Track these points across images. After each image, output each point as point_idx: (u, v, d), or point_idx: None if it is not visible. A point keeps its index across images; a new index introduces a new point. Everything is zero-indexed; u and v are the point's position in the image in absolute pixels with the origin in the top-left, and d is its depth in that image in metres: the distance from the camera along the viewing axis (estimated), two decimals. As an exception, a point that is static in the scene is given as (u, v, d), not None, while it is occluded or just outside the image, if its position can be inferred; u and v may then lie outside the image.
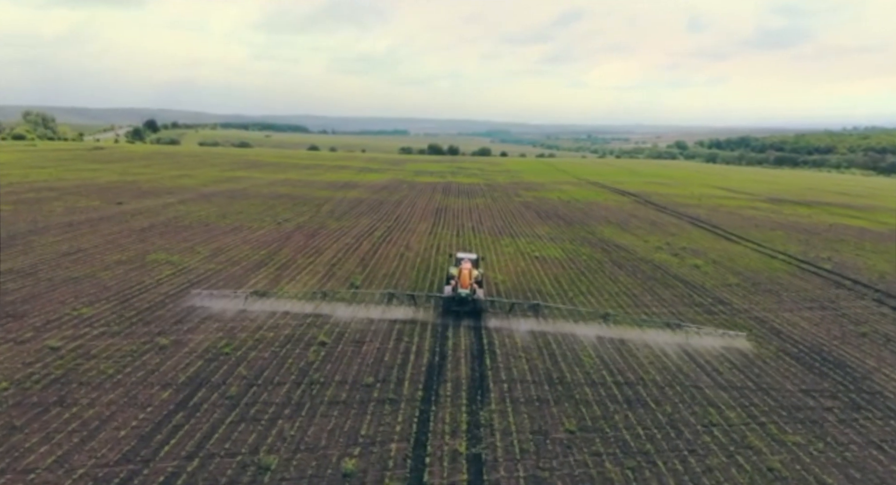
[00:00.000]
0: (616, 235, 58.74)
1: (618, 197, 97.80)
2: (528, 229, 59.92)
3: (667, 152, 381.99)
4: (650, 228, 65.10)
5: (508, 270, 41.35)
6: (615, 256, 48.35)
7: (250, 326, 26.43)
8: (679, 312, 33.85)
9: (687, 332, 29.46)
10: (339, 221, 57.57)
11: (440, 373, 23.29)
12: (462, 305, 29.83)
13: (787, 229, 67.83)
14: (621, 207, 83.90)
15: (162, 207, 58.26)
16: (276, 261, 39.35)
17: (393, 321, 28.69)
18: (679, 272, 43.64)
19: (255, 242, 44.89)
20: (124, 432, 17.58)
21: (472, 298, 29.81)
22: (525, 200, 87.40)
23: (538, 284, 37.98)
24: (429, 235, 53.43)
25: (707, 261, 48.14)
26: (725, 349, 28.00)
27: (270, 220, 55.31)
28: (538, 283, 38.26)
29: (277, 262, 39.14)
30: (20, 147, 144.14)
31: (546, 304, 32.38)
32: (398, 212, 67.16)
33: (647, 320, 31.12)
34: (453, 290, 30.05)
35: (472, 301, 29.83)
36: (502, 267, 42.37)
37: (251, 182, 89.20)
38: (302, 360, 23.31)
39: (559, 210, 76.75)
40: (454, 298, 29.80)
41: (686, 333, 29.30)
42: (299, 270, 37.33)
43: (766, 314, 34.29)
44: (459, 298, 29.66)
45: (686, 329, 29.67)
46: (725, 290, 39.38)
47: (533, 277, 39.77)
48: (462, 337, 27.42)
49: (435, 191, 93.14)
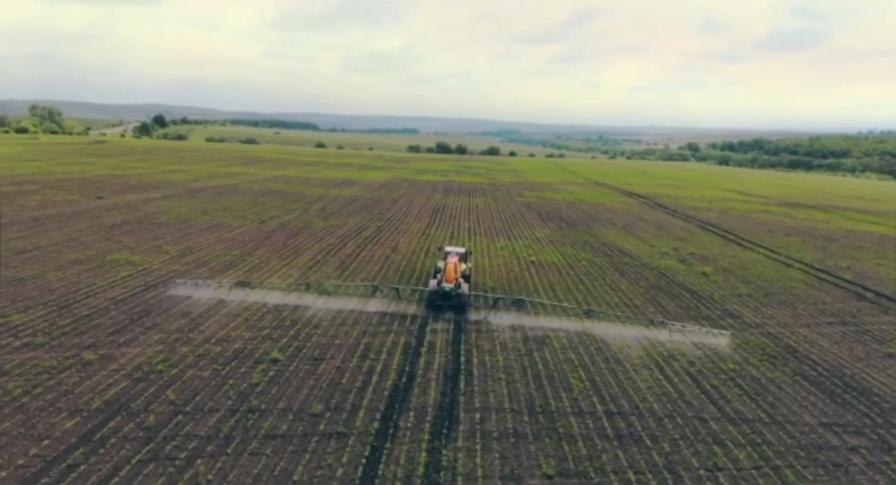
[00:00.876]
0: (620, 239, 55.41)
1: (625, 199, 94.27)
2: (527, 231, 56.71)
3: (678, 154, 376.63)
4: (657, 231, 61.67)
5: (500, 276, 38.20)
6: (618, 262, 45.08)
7: (196, 339, 23.44)
8: (684, 327, 30.60)
9: (671, 330, 29.13)
10: (327, 220, 54.61)
11: (404, 399, 20.20)
12: (446, 300, 29.58)
13: (803, 235, 64.18)
14: (628, 209, 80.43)
15: (143, 203, 55.54)
16: (248, 262, 36.42)
17: (368, 323, 25.70)
18: (686, 280, 40.30)
19: (231, 241, 41.99)
20: (4, 473, 14.63)
21: (457, 292, 29.58)
22: (528, 200, 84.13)
23: (530, 292, 34.77)
24: (421, 235, 50.37)
25: (716, 268, 44.77)
26: (712, 355, 24.77)
27: (254, 217, 52.43)
28: (531, 291, 35.04)
29: (249, 263, 36.20)
30: (20, 140, 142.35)
31: (530, 299, 31.78)
32: (393, 211, 64.14)
33: (631, 318, 30.76)
34: (438, 284, 29.90)
35: (457, 296, 29.59)
36: (493, 272, 39.23)
37: (246, 178, 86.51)
38: (245, 381, 20.28)
39: (562, 211, 73.43)
40: (438, 292, 29.54)
41: (669, 332, 29.01)
42: (271, 273, 34.34)
43: (781, 330, 30.94)
44: (443, 293, 29.43)
45: (669, 327, 29.35)
46: (736, 301, 36.03)
47: (526, 283, 36.58)
48: (437, 353, 24.33)
49: (435, 190, 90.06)
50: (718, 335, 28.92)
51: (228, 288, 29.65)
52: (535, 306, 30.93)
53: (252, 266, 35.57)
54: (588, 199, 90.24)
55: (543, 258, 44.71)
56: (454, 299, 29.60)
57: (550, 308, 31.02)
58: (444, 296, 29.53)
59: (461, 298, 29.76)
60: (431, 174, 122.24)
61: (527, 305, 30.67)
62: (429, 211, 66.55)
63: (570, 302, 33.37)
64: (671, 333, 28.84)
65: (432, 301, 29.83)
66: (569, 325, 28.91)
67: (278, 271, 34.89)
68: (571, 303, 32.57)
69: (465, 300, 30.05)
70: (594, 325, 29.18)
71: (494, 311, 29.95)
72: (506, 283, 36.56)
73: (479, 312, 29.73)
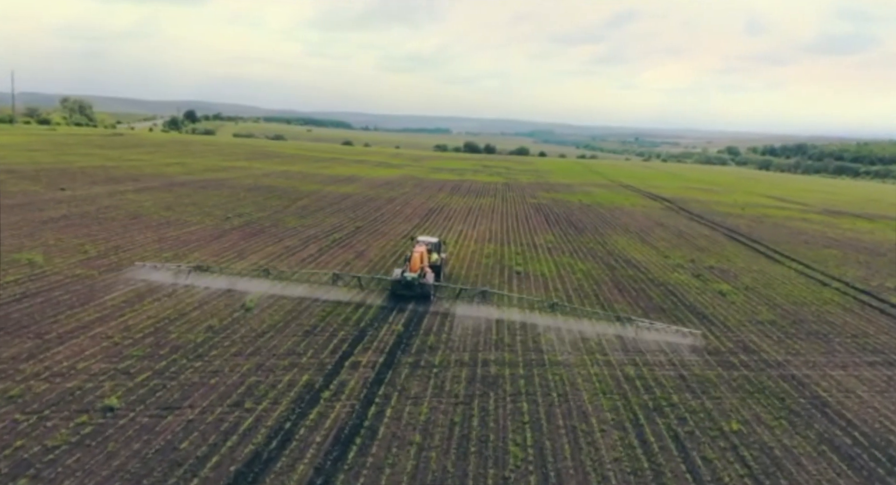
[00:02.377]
0: (631, 248, 48.87)
1: (648, 202, 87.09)
2: (525, 237, 50.59)
3: (717, 158, 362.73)
4: (675, 240, 54.84)
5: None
6: (620, 275, 38.74)
7: (25, 372, 18.18)
8: (683, 362, 24.34)
9: (637, 327, 27.58)
10: (302, 219, 49.43)
11: (256, 482, 14.47)
12: (408, 290, 28.73)
13: (844, 248, 56.52)
14: (649, 213, 73.46)
15: (107, 195, 51.21)
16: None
17: (293, 333, 20.21)
18: (697, 301, 33.79)
19: (173, 240, 37.02)
20: None
21: (420, 282, 28.66)
22: (540, 201, 77.77)
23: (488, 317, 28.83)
24: (402, 239, 44.67)
25: (737, 286, 38.04)
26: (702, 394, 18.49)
27: (221, 214, 47.53)
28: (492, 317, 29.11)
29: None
30: (35, 130, 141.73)
31: (493, 290, 30.77)
32: (383, 210, 58.68)
33: (595, 313, 29.50)
34: (402, 273, 28.93)
35: (420, 285, 28.67)
36: (465, 285, 33.33)
37: (244, 173, 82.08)
38: (38, 444, 14.80)
39: (573, 215, 66.96)
40: (400, 282, 28.63)
41: (636, 329, 27.40)
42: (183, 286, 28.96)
43: (808, 373, 24.38)
44: (405, 282, 28.57)
45: (637, 324, 27.89)
46: (755, 330, 29.46)
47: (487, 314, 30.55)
48: (343, 399, 18.64)
49: (443, 189, 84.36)
50: (689, 335, 27.20)
51: (187, 272, 29.01)
52: (501, 298, 30.05)
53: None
54: (606, 201, 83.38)
55: (533, 269, 38.66)
56: (417, 289, 28.65)
57: (516, 300, 30.12)
58: (406, 286, 28.59)
59: (424, 288, 28.76)
60: (447, 173, 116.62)
61: (491, 297, 29.64)
62: (424, 211, 60.92)
63: (541, 328, 27.39)
64: (637, 331, 27.32)
65: (395, 291, 28.93)
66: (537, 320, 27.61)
67: (204, 279, 29.61)
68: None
69: (429, 291, 28.99)
70: (562, 322, 27.69)
71: (460, 301, 29.08)
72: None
73: (443, 304, 28.60)
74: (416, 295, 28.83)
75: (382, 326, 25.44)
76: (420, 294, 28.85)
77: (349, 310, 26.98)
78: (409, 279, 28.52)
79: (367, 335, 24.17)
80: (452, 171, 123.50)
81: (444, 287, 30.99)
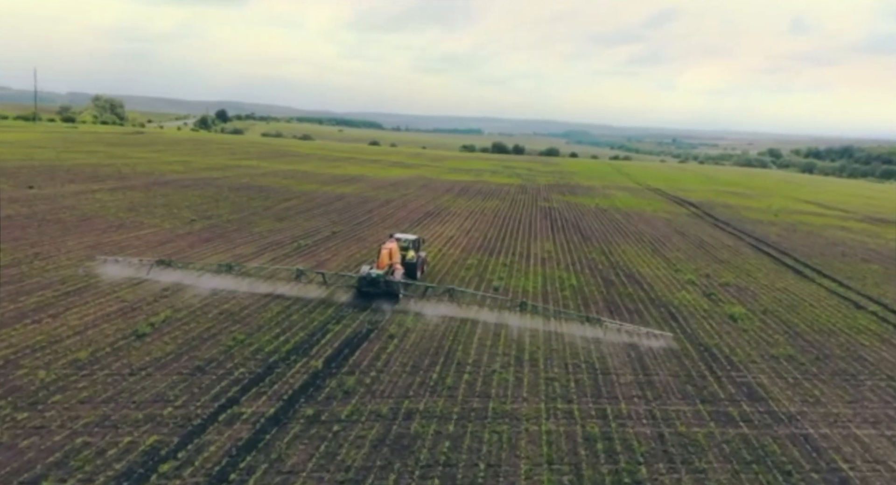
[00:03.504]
0: (639, 260, 43.61)
1: (672, 207, 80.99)
2: (521, 245, 45.72)
3: (757, 160, 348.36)
4: (693, 250, 49.25)
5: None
6: (616, 293, 33.67)
7: None
8: (666, 413, 19.41)
9: (605, 328, 26.33)
10: (278, 222, 45.56)
11: None
12: (373, 287, 27.74)
13: (886, 262, 50.05)
14: (670, 220, 67.63)
15: (74, 194, 48.18)
16: (82, 282, 27.41)
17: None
18: (700, 328, 28.58)
19: (110, 245, 33.29)
20: None
21: (385, 279, 27.77)
22: (551, 205, 72.57)
23: (453, 346, 24.23)
24: (380, 244, 40.29)
25: (753, 309, 32.59)
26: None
27: (188, 216, 43.95)
28: (454, 345, 24.51)
29: (75, 284, 27.13)
30: (53, 128, 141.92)
31: (461, 289, 29.69)
32: (373, 213, 54.46)
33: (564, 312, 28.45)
34: (368, 270, 28.16)
35: (385, 283, 27.72)
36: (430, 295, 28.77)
37: (244, 171, 78.79)
38: None
39: (584, 221, 61.68)
40: (365, 278, 27.72)
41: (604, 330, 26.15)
42: (83, 303, 24.82)
43: (828, 432, 19.16)
44: (370, 279, 27.65)
45: (605, 326, 26.61)
46: (766, 367, 24.20)
47: (455, 333, 25.89)
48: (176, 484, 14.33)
49: (450, 190, 79.78)
50: (661, 337, 26.04)
51: (149, 267, 28.52)
52: (466, 296, 29.02)
53: (78, 289, 26.52)
54: (625, 206, 77.64)
55: (514, 284, 33.86)
56: (382, 287, 27.71)
57: (483, 299, 29.18)
58: (371, 283, 27.68)
59: (390, 285, 27.82)
60: (463, 173, 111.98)
61: (457, 295, 28.65)
62: (419, 215, 56.50)
63: (501, 357, 22.70)
64: (605, 332, 26.08)
65: (360, 288, 27.99)
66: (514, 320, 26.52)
67: (91, 303, 25.57)
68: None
69: (395, 289, 27.90)
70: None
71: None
72: (421, 326, 26.09)
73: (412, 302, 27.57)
74: (381, 292, 27.79)
75: (301, 358, 21.11)
76: (386, 292, 27.79)
77: (291, 320, 22.92)
78: (373, 276, 27.57)
79: (275, 370, 19.89)
80: (470, 171, 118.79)
81: (414, 285, 29.68)
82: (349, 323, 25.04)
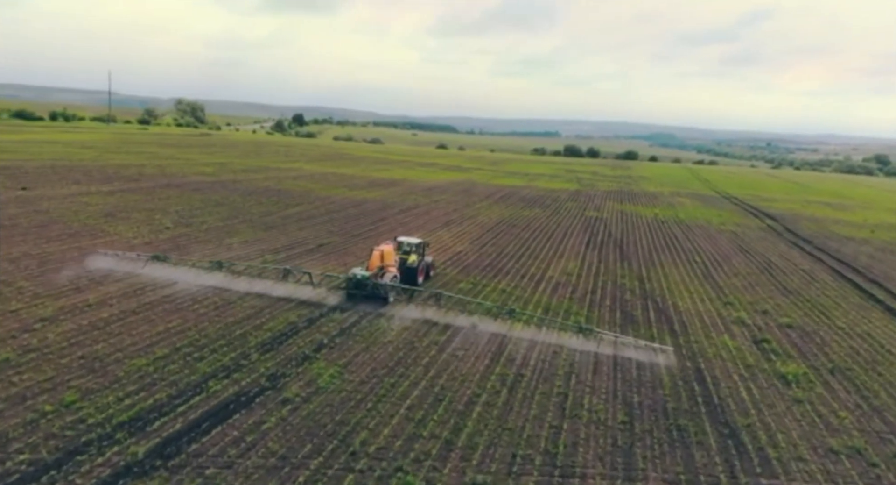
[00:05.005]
0: (681, 287, 35.59)
1: (745, 219, 70.69)
2: (540, 265, 38.57)
3: (861, 167, 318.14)
4: (755, 275, 40.42)
5: (357, 361, 21.51)
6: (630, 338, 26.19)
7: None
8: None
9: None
10: (265, 231, 40.74)
11: None
12: (359, 289, 27.07)
13: None
14: (738, 234, 58.08)
15: (64, 197, 45.27)
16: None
17: None
18: (733, 397, 20.80)
19: (36, 259, 29.21)
20: None
21: (373, 282, 26.96)
22: (600, 215, 64.38)
23: (357, 405, 17.95)
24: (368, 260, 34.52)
25: (816, 366, 24.28)
26: None
27: (165, 224, 39.84)
28: (364, 404, 18.22)
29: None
30: (123, 129, 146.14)
31: (448, 293, 27.83)
32: (383, 222, 48.69)
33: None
34: (358, 272, 27.52)
35: (373, 286, 26.93)
36: (360, 352, 22.52)
37: (274, 174, 75.17)
38: None
39: (630, 234, 53.45)
40: (351, 279, 27.15)
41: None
42: None
43: None
44: (356, 281, 27.00)
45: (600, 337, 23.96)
46: (815, 468, 16.39)
47: (367, 414, 19.56)
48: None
49: (490, 196, 73.07)
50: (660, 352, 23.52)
51: (144, 262, 28.62)
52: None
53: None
54: (689, 217, 68.24)
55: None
56: (369, 289, 26.99)
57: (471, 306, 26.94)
58: (357, 285, 27.01)
59: (378, 288, 27.01)
60: (516, 178, 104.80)
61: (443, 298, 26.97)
62: (437, 224, 50.31)
63: (422, 443, 16.16)
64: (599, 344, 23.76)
65: (348, 290, 27.36)
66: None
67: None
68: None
69: (382, 292, 27.00)
70: None
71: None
72: (338, 388, 19.91)
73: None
74: (369, 295, 27.01)
75: (128, 438, 15.47)
76: (373, 294, 26.97)
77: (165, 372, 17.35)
78: (358, 278, 26.86)
79: (75, 458, 14.33)
80: (525, 175, 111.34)
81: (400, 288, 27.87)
82: (247, 374, 19.27)
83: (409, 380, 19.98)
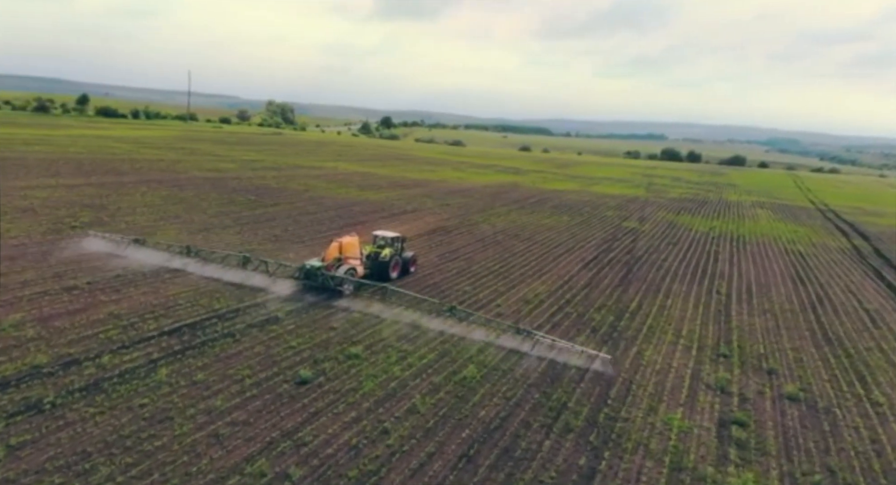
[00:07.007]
0: (664, 330, 26.80)
1: (829, 239, 58.21)
2: (500, 288, 30.87)
3: None
4: (789, 315, 30.45)
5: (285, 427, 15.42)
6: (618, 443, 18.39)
7: None
8: None
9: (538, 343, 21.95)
10: (238, 234, 35.97)
11: None
12: (310, 279, 26.41)
13: None
14: (807, 256, 46.84)
15: (40, 187, 43.69)
16: None
17: None
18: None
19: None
20: None
21: (323, 272, 26.28)
22: (640, 227, 54.68)
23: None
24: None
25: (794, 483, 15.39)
26: None
27: (86, 217, 35.99)
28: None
29: None
30: (202, 127, 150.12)
31: (394, 288, 25.77)
32: (353, 227, 42.54)
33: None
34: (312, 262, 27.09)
35: (323, 276, 26.21)
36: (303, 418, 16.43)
37: (286, 173, 70.61)
38: None
39: (655, 252, 43.94)
40: (301, 269, 26.70)
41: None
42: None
43: None
44: (305, 271, 26.51)
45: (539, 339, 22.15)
46: None
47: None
48: None
49: (520, 201, 65.05)
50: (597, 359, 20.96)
51: (126, 244, 29.74)
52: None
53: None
54: (753, 233, 57.02)
55: (338, 385, 20.02)
56: (319, 280, 26.26)
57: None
58: (307, 275, 26.50)
59: (329, 280, 26.20)
60: (575, 181, 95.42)
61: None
62: (426, 230, 43.48)
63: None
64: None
65: (298, 278, 26.77)
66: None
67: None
68: None
69: (333, 283, 26.20)
70: None
71: None
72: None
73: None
74: (320, 286, 26.41)
75: None
76: (323, 285, 26.36)
77: None
78: (307, 268, 26.59)
79: None
80: (587, 179, 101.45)
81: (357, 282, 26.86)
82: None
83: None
